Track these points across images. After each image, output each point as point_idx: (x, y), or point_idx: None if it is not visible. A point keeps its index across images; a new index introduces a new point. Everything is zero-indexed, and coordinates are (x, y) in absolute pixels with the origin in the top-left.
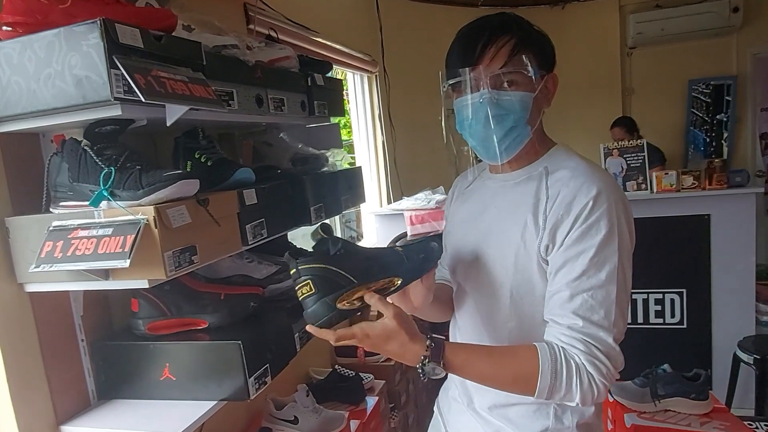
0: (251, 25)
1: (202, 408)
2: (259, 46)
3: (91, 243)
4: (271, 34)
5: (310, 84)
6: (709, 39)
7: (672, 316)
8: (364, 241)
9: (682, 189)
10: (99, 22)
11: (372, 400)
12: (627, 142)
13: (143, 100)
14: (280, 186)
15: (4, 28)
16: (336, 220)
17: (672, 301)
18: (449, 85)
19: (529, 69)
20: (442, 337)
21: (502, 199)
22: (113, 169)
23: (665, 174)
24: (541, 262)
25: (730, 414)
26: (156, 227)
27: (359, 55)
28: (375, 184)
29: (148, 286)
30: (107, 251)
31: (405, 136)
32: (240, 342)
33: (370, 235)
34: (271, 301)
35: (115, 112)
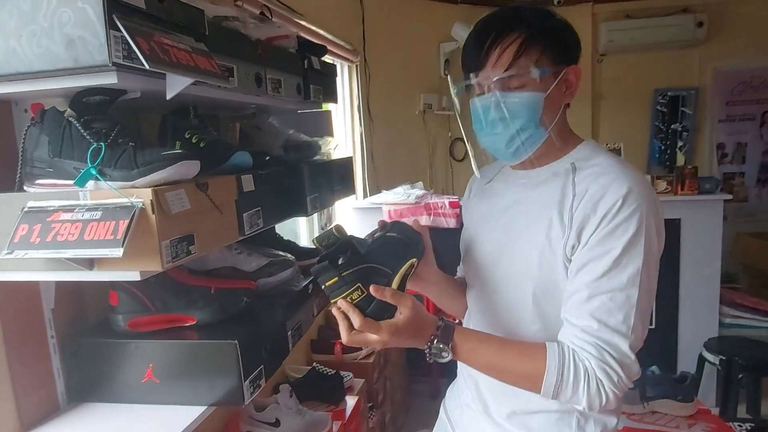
0: (239, 2)
1: (189, 413)
2: (254, 22)
3: (76, 228)
4: (264, 11)
5: (306, 67)
6: (675, 51)
7: None
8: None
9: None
10: None
11: (351, 400)
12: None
13: (147, 68)
14: (277, 173)
15: None
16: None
17: None
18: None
19: (535, 70)
20: (454, 321)
21: (526, 197)
22: (103, 144)
23: None
24: (566, 262)
25: (714, 416)
26: (153, 212)
27: (342, 43)
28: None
29: (140, 279)
30: (95, 238)
31: (383, 129)
32: (236, 341)
33: (350, 230)
34: (261, 297)
35: (111, 80)
